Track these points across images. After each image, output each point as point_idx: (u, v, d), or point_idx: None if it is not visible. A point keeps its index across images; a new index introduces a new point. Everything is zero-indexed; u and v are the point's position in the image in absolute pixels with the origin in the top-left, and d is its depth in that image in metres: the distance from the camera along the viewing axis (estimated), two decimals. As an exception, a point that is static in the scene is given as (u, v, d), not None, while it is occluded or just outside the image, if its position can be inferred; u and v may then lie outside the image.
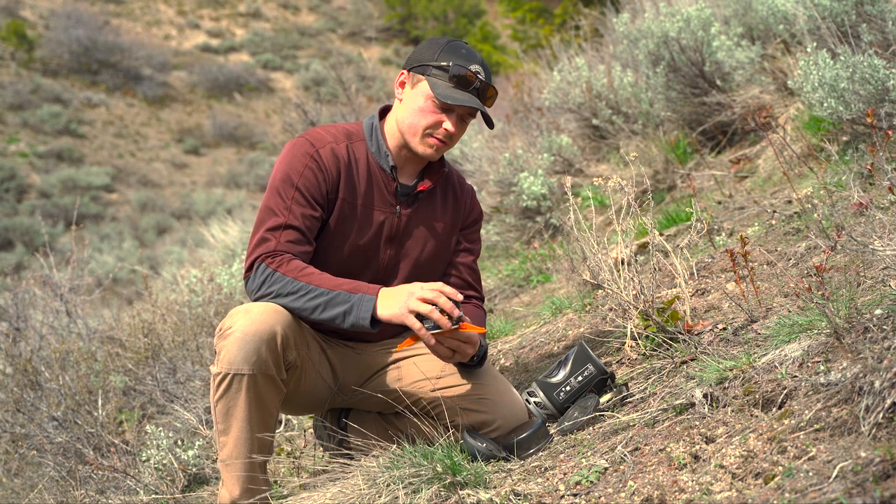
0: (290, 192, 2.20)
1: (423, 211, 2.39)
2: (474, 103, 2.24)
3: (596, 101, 5.34)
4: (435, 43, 2.30)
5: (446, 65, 2.24)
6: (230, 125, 23.51)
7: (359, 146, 2.34)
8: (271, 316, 2.10)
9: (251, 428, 2.11)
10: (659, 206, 4.47)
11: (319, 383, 2.35)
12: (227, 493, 2.16)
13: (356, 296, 2.09)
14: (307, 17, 31.24)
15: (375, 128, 2.36)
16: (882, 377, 1.55)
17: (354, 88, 7.74)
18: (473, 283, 2.52)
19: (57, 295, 4.79)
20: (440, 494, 1.95)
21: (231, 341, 2.07)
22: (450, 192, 2.47)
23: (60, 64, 24.30)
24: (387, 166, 2.33)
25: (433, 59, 2.26)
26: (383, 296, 2.09)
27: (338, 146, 2.29)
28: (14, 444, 3.62)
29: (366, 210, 2.31)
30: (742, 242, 2.32)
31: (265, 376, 2.10)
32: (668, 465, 1.76)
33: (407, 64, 2.33)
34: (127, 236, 16.41)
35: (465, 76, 2.23)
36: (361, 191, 2.31)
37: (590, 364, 2.30)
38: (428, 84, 2.25)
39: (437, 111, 2.26)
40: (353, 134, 2.35)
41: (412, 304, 2.04)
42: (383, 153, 2.33)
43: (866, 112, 2.37)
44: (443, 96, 2.21)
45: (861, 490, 1.36)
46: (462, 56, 2.26)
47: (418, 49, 2.33)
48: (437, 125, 2.27)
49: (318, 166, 2.24)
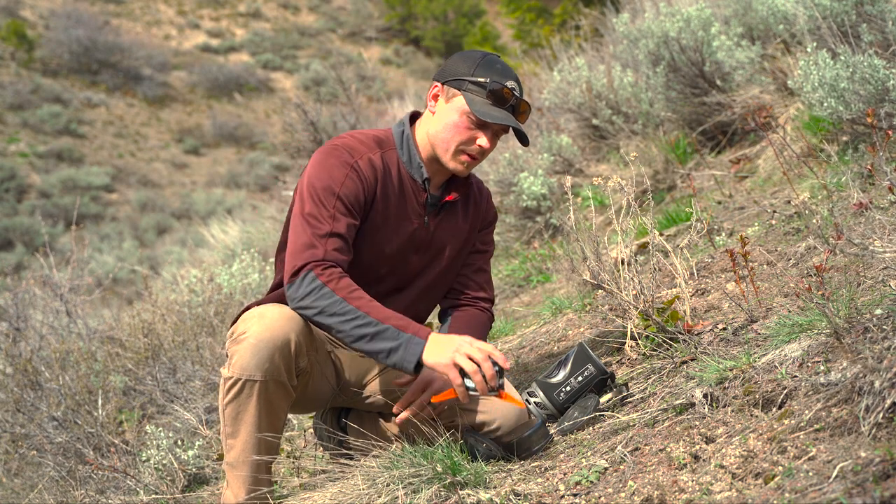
0: (331, 201, 2.15)
1: (447, 220, 2.39)
2: (511, 121, 2.20)
3: (596, 101, 5.34)
4: (470, 57, 2.26)
5: (484, 81, 2.19)
6: (230, 125, 23.52)
7: (390, 155, 2.30)
8: (286, 323, 2.09)
9: (259, 432, 2.12)
10: (659, 206, 4.47)
11: (324, 384, 2.35)
12: (233, 495, 2.17)
13: (406, 335, 2.01)
14: (307, 17, 31.24)
15: (407, 137, 2.32)
16: (882, 377, 1.55)
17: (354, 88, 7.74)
18: (484, 285, 2.51)
19: (57, 295, 4.79)
20: (440, 494, 1.95)
21: (244, 347, 2.07)
22: (471, 199, 2.46)
23: (60, 64, 24.30)
24: (420, 178, 2.30)
25: (469, 74, 2.21)
26: (432, 342, 2.01)
27: (374, 156, 2.25)
28: (14, 444, 3.63)
29: (397, 220, 2.29)
30: (742, 242, 2.32)
31: (277, 383, 2.10)
32: (668, 465, 1.76)
33: (440, 77, 2.28)
34: (127, 236, 16.41)
35: (501, 92, 2.19)
36: (394, 201, 2.28)
37: (590, 364, 2.30)
38: (464, 99, 2.20)
39: (472, 127, 2.22)
40: (384, 142, 2.32)
41: (458, 359, 1.97)
42: (416, 164, 2.30)
43: (866, 112, 2.37)
44: (480, 113, 2.17)
45: (861, 490, 1.36)
46: (498, 72, 2.22)
47: (452, 62, 2.28)
48: (471, 141, 2.23)
49: (357, 176, 2.19)
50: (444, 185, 2.39)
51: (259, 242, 7.47)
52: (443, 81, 2.26)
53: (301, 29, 30.23)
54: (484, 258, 2.53)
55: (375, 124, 8.00)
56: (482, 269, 2.52)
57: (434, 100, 2.30)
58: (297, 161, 8.00)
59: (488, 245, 2.54)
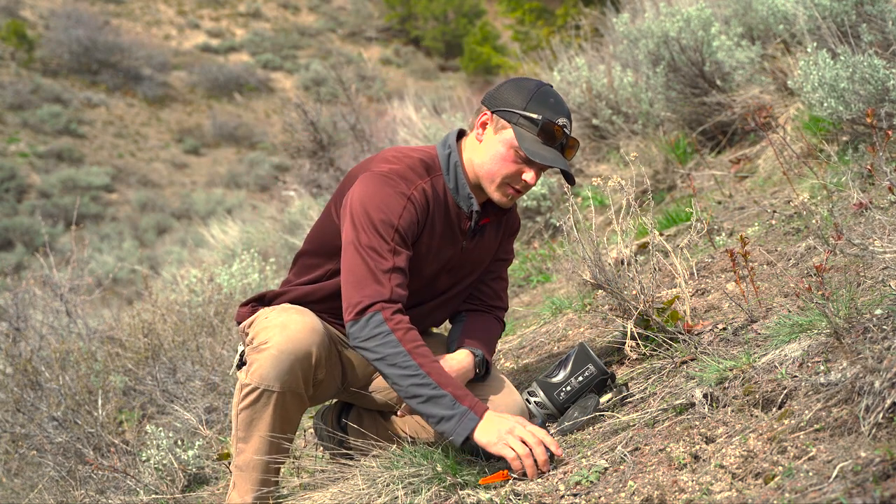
0: (390, 234, 2.09)
1: (481, 241, 2.37)
2: (559, 163, 2.14)
3: (596, 101, 5.34)
4: (524, 87, 2.18)
5: (537, 118, 2.12)
6: (230, 125, 23.52)
7: (438, 181, 2.23)
8: (308, 336, 2.09)
9: (271, 440, 2.13)
10: (659, 206, 4.47)
11: (331, 384, 2.36)
12: (239, 497, 2.18)
13: (462, 408, 1.96)
14: (307, 17, 31.24)
15: (455, 163, 2.24)
16: (882, 377, 1.55)
17: (354, 88, 7.74)
18: (501, 293, 2.50)
19: (57, 295, 4.79)
20: (440, 494, 1.95)
21: (266, 357, 2.07)
22: (503, 219, 2.43)
23: (60, 64, 24.30)
24: (467, 208, 2.25)
25: (522, 108, 2.14)
26: (486, 420, 1.96)
27: (426, 185, 2.20)
28: (14, 444, 3.63)
29: (439, 248, 2.27)
30: (742, 242, 2.32)
31: (294, 394, 2.12)
32: (668, 465, 1.76)
33: (491, 105, 2.20)
34: (127, 236, 16.42)
35: (553, 131, 2.13)
36: (439, 230, 2.24)
37: (590, 364, 2.30)
38: (514, 133, 2.14)
39: (518, 162, 2.16)
40: (431, 167, 2.24)
41: (511, 441, 1.93)
42: (465, 195, 2.24)
43: (866, 112, 2.37)
44: (530, 153, 2.11)
45: (861, 490, 1.36)
46: (551, 107, 2.15)
47: (505, 89, 2.20)
48: (517, 176, 2.18)
49: (414, 208, 2.14)
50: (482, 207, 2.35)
51: (259, 242, 7.47)
52: (493, 110, 2.19)
53: (301, 29, 30.24)
54: (504, 266, 2.51)
55: (375, 124, 7.99)
56: (501, 278, 2.50)
57: (482, 127, 2.22)
58: (297, 161, 8.00)
59: (509, 254, 2.52)
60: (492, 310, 2.47)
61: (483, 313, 2.45)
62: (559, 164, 2.14)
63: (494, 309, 2.47)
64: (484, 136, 2.21)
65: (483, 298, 2.47)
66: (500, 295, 2.49)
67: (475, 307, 2.47)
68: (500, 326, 2.48)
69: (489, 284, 2.47)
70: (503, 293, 2.51)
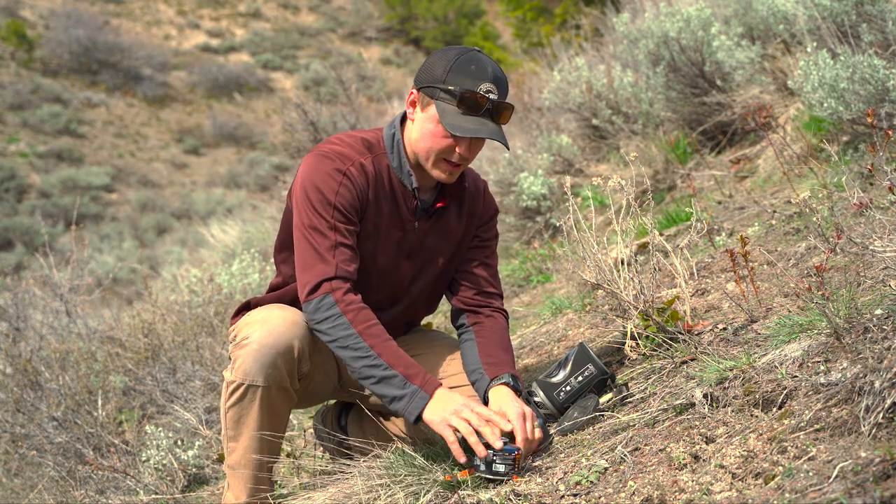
0: (329, 211, 2.10)
1: (439, 224, 2.32)
2: (484, 132, 2.07)
3: (596, 100, 5.34)
4: (444, 58, 2.13)
5: (454, 89, 2.07)
6: (230, 125, 23.52)
7: (381, 160, 2.23)
8: (289, 328, 2.09)
9: (261, 436, 2.13)
10: (659, 206, 4.47)
11: (326, 383, 2.35)
12: (234, 497, 2.18)
13: (412, 387, 1.99)
14: (307, 17, 31.24)
15: (398, 141, 2.24)
16: (882, 377, 1.55)
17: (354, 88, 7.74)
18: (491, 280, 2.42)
19: (57, 295, 4.79)
20: (440, 494, 1.95)
21: (247, 352, 2.07)
22: (466, 200, 2.37)
23: (60, 64, 24.30)
24: (409, 185, 2.24)
25: (441, 81, 2.09)
26: (436, 398, 1.99)
27: (365, 161, 2.19)
28: (14, 444, 3.63)
29: (388, 228, 2.24)
30: (742, 242, 2.32)
31: (279, 388, 2.11)
32: (668, 465, 1.76)
33: (417, 82, 2.17)
34: (127, 236, 16.41)
35: (475, 101, 2.07)
36: (385, 209, 2.23)
37: (590, 364, 2.30)
38: (437, 109, 2.10)
39: (448, 137, 2.12)
40: (374, 146, 2.24)
41: (454, 422, 1.94)
42: (406, 171, 2.23)
43: (866, 112, 2.37)
44: (452, 127, 2.06)
45: (861, 490, 1.36)
46: (471, 74, 2.08)
47: (428, 64, 2.16)
48: (450, 151, 2.14)
49: (351, 183, 2.14)
50: (437, 189, 2.32)
51: (259, 242, 7.47)
52: (418, 87, 2.16)
53: (301, 29, 30.23)
54: (487, 252, 2.43)
55: (375, 124, 8.00)
56: (486, 264, 2.42)
57: (412, 106, 2.20)
58: (297, 161, 8.00)
59: (491, 238, 2.45)
60: (489, 302, 2.39)
61: (483, 316, 2.37)
62: (483, 134, 2.07)
63: (490, 298, 2.39)
64: (414, 114, 2.20)
65: (474, 287, 2.38)
66: (490, 282, 2.41)
67: (471, 302, 2.38)
68: (504, 320, 2.40)
69: (474, 272, 2.39)
70: (493, 279, 2.42)
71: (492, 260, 2.45)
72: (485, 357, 2.25)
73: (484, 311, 2.37)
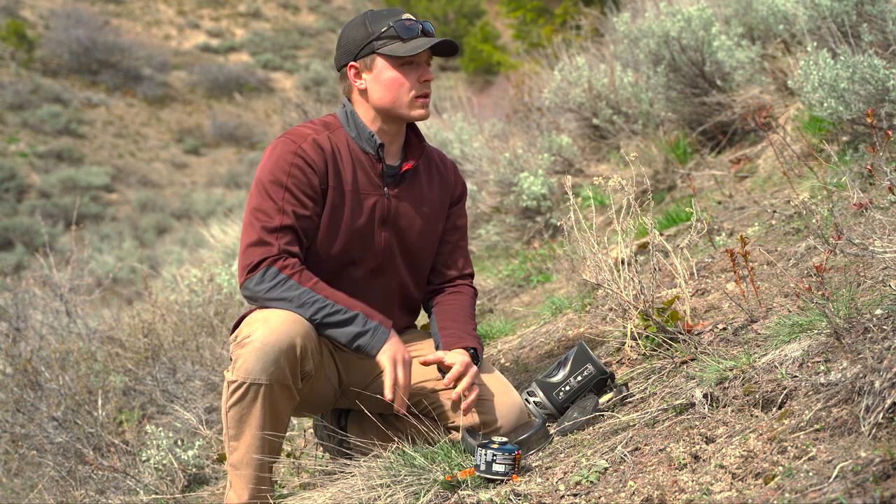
0: (280, 194, 2.19)
1: (410, 190, 2.39)
2: (434, 41, 2.24)
3: (596, 100, 5.34)
4: (356, 23, 2.30)
5: (385, 30, 2.24)
6: (230, 125, 23.51)
7: (338, 134, 2.33)
8: (291, 326, 2.10)
9: (263, 435, 2.13)
10: (659, 206, 4.47)
11: (327, 386, 2.35)
12: (236, 497, 2.17)
13: (374, 323, 2.16)
14: (307, 17, 31.23)
15: (352, 113, 2.34)
16: (882, 377, 1.55)
17: (354, 88, 7.72)
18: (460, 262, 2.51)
19: (57, 295, 4.79)
20: (440, 494, 1.95)
21: (249, 350, 2.07)
22: (434, 170, 2.47)
23: (60, 64, 24.29)
24: (372, 148, 2.32)
25: (372, 35, 2.26)
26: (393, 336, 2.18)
27: (319, 136, 2.28)
28: (14, 444, 3.63)
29: (355, 195, 2.30)
30: (742, 242, 2.32)
31: (282, 386, 2.11)
32: (668, 465, 1.76)
33: (346, 57, 2.31)
34: (127, 236, 16.41)
35: (406, 26, 2.25)
36: (349, 177, 2.29)
37: (589, 364, 2.30)
38: (383, 58, 2.26)
39: (408, 71, 2.26)
40: (330, 124, 2.35)
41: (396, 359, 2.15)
42: (366, 135, 2.32)
43: (866, 112, 2.37)
44: (410, 51, 2.22)
45: (861, 490, 1.36)
46: (387, 15, 2.27)
47: (345, 39, 2.31)
48: (417, 83, 2.28)
49: (304, 162, 2.22)
50: (402, 155, 2.41)
51: (259, 242, 7.45)
52: (354, 60, 2.29)
53: (301, 29, 30.22)
54: (458, 234, 2.52)
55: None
56: (458, 246, 2.52)
57: (358, 78, 2.31)
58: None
59: (461, 221, 2.54)
60: (457, 281, 2.49)
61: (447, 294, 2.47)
62: (435, 41, 2.24)
63: (458, 281, 2.50)
64: (364, 82, 2.31)
65: (445, 272, 2.49)
66: (457, 262, 2.51)
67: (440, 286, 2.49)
68: (471, 294, 2.50)
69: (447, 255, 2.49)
70: (463, 260, 2.52)
71: (463, 241, 2.55)
72: (442, 332, 2.36)
73: (447, 288, 2.49)
